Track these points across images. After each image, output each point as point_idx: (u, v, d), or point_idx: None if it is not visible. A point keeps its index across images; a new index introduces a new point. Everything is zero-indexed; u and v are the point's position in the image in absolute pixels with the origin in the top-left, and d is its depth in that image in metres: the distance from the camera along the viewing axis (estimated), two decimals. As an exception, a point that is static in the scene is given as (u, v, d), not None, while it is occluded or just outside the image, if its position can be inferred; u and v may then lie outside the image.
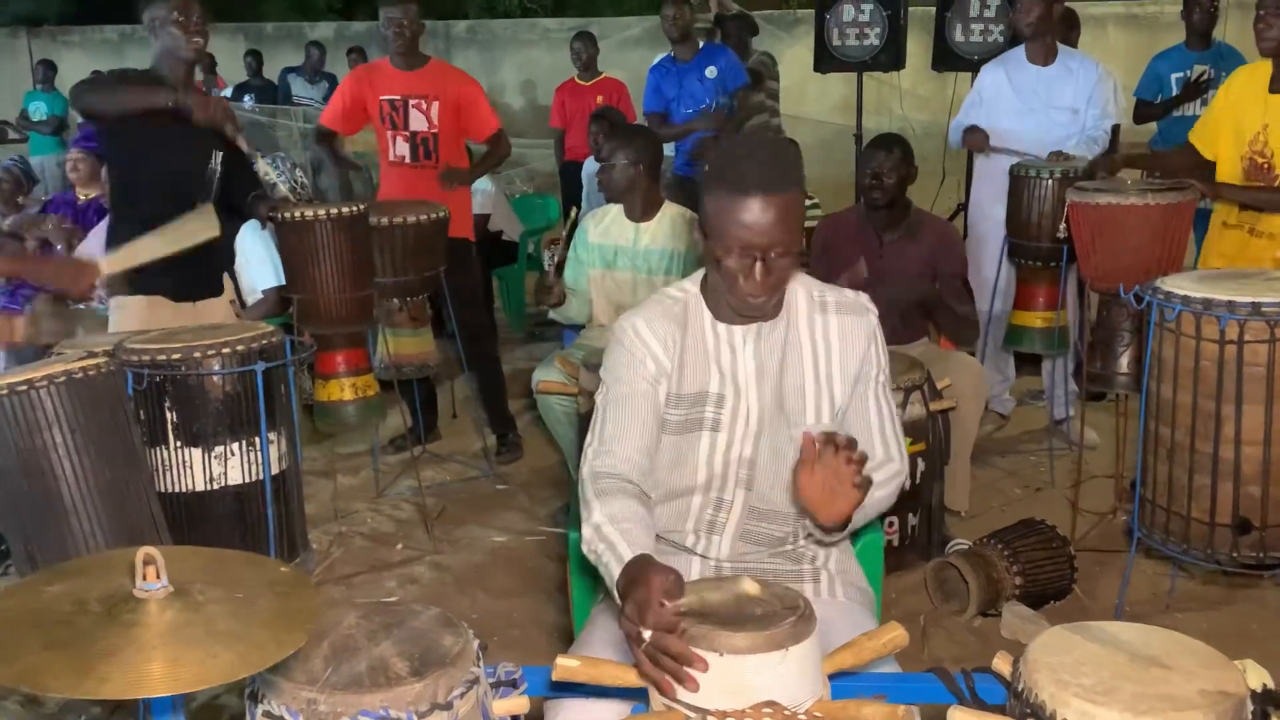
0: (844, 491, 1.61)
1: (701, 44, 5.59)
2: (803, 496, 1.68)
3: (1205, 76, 5.02)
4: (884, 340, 1.94)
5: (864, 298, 1.94)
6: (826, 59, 6.36)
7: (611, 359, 1.89)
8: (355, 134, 4.42)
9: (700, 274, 1.92)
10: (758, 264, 1.72)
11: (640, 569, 1.49)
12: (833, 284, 1.98)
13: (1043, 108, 4.18)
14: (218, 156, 3.34)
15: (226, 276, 3.58)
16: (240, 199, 3.46)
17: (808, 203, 4.89)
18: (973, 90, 4.54)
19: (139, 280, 3.22)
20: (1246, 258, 3.25)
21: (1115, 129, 3.70)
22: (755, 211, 1.68)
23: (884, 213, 3.59)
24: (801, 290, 1.90)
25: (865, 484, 1.62)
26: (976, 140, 4.34)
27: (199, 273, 3.37)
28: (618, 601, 1.51)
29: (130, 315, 3.23)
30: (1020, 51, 4.32)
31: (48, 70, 10.60)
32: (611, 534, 1.63)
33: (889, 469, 1.87)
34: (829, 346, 1.88)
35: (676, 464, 1.89)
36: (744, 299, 1.77)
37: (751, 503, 1.90)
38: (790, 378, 1.87)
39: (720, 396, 1.87)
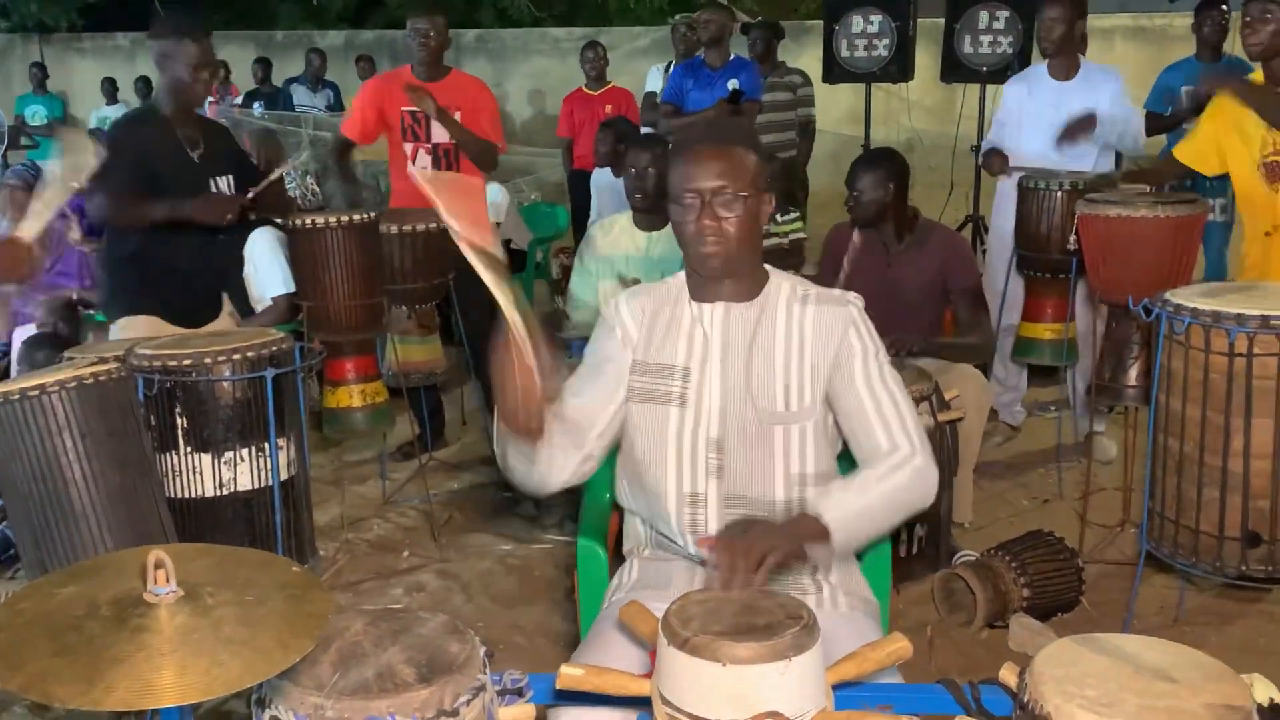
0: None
1: (733, 55, 5.60)
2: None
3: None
4: (869, 327, 1.91)
5: (852, 295, 1.94)
6: (835, 70, 6.38)
7: (594, 333, 2.02)
8: (372, 144, 4.41)
9: None
10: (704, 209, 1.81)
11: None
12: (845, 286, 2.00)
13: (1064, 124, 4.17)
14: (224, 182, 3.38)
15: (225, 294, 3.61)
16: (265, 210, 3.53)
17: (791, 215, 4.90)
18: (999, 108, 4.53)
19: (140, 302, 3.24)
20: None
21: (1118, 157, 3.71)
22: (696, 160, 1.82)
23: (887, 224, 3.59)
24: (786, 284, 1.94)
25: (776, 550, 1.61)
26: (994, 164, 4.34)
27: (197, 295, 3.40)
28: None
29: (134, 335, 3.26)
30: (1042, 67, 4.32)
31: (40, 73, 10.61)
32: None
33: (893, 459, 1.82)
34: (803, 335, 1.89)
35: (647, 443, 1.91)
36: (698, 252, 1.84)
37: (725, 490, 1.89)
38: (759, 360, 1.88)
39: (686, 370, 1.90)
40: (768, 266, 1.96)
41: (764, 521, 1.74)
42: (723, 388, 1.89)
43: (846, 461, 2.01)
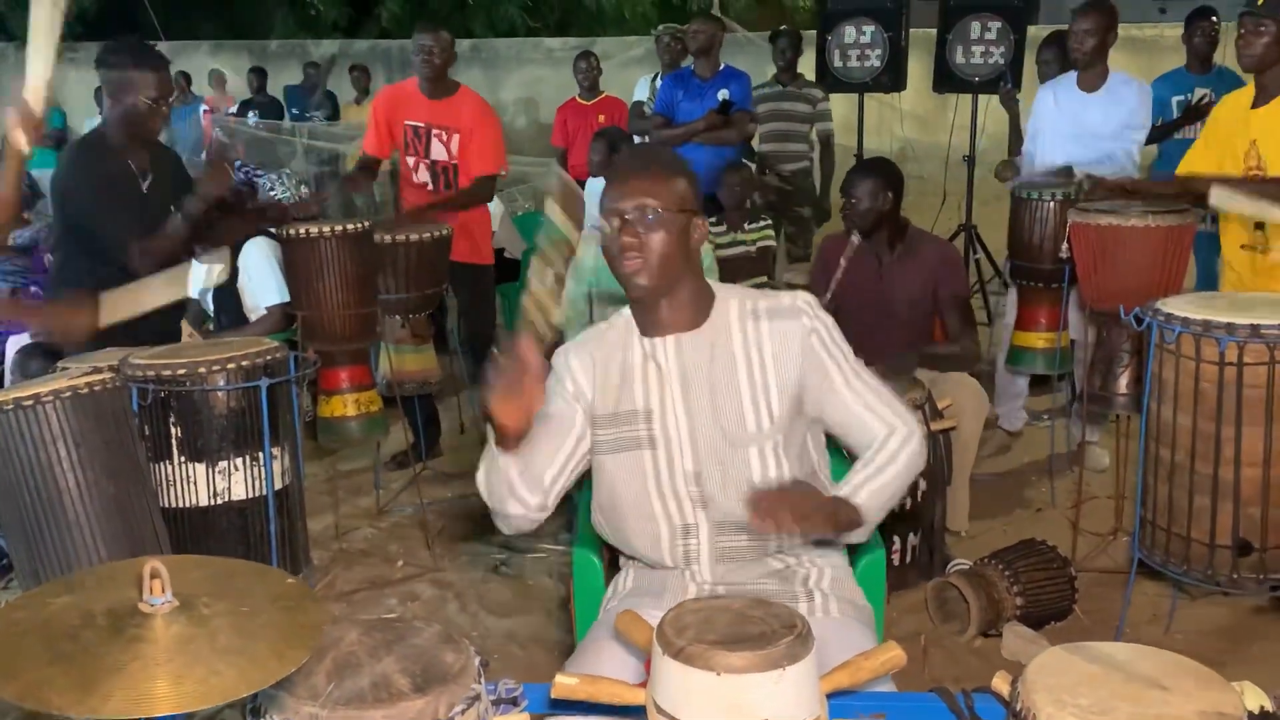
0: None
1: (723, 65, 5.60)
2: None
3: (1206, 100, 5.05)
4: (831, 333, 1.91)
5: (801, 299, 1.92)
6: (828, 79, 6.41)
7: (548, 385, 1.95)
8: (388, 157, 4.41)
9: None
10: (623, 228, 1.83)
11: None
12: (837, 296, 2.02)
13: (1090, 136, 4.14)
14: (176, 219, 3.27)
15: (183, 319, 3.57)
16: (207, 230, 3.43)
17: (761, 223, 4.92)
18: (1032, 117, 4.52)
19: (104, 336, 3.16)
20: (1263, 275, 3.25)
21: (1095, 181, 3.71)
22: (619, 183, 1.86)
23: (881, 233, 3.60)
24: (734, 300, 1.92)
25: (817, 511, 1.74)
26: (1008, 174, 4.33)
27: (153, 322, 3.34)
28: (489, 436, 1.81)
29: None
30: (1072, 77, 4.30)
31: None
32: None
33: (891, 445, 1.87)
34: (762, 354, 1.88)
35: (627, 490, 1.91)
36: (621, 272, 1.86)
37: (715, 518, 1.89)
38: (721, 386, 1.87)
39: (649, 412, 1.89)
40: (713, 283, 1.95)
41: (810, 489, 1.82)
42: (689, 421, 1.87)
43: (834, 453, 2.04)
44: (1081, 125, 4.16)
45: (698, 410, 1.87)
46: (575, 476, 1.97)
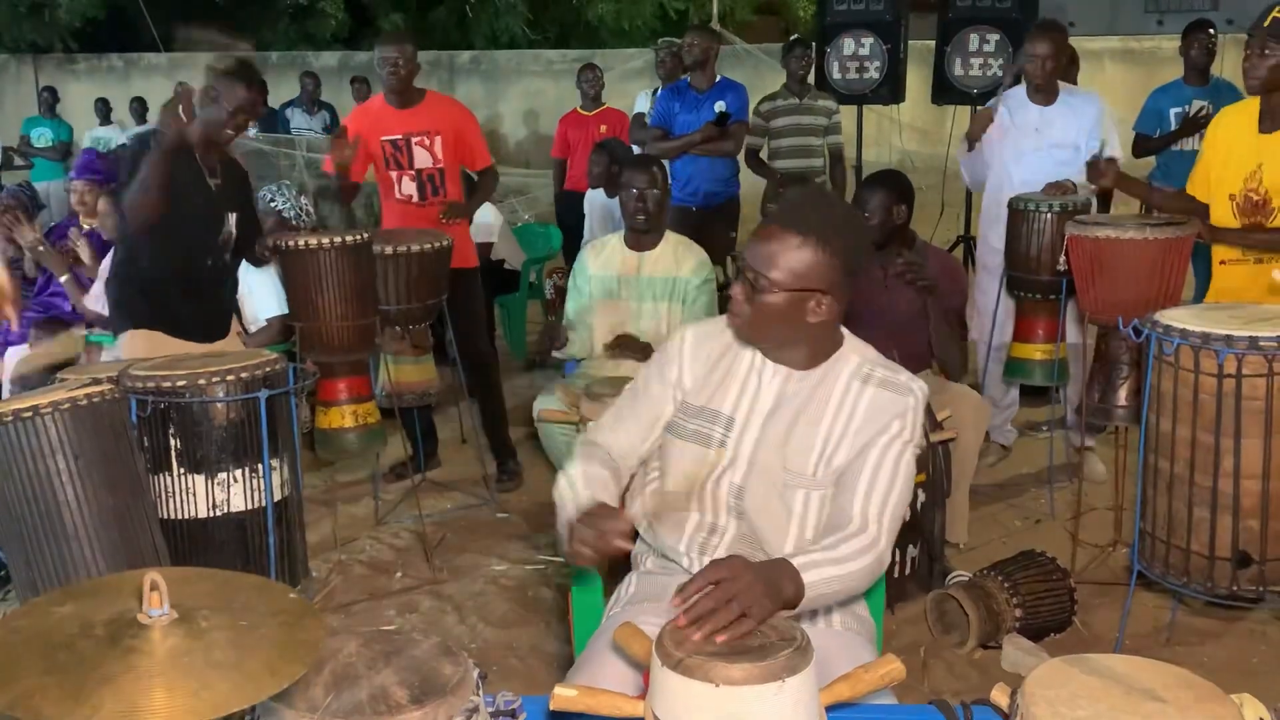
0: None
1: (720, 77, 5.60)
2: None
3: (1204, 111, 5.07)
4: (919, 419, 1.87)
5: (918, 383, 1.89)
6: (826, 92, 6.41)
7: (655, 356, 2.05)
8: (363, 179, 4.40)
9: None
10: (742, 281, 1.83)
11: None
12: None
13: (1046, 147, 4.18)
14: (232, 219, 3.40)
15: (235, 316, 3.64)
16: (249, 251, 3.56)
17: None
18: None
19: (148, 317, 3.30)
20: (1259, 286, 3.24)
21: (1112, 162, 3.71)
22: (761, 234, 1.83)
23: (891, 246, 3.60)
24: (855, 357, 1.91)
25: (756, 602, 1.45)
26: (975, 129, 4.33)
27: (209, 312, 3.43)
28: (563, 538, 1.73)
29: (138, 348, 3.26)
30: (1021, 90, 4.34)
31: (51, 96, 10.71)
32: (578, 484, 1.85)
33: (857, 544, 1.72)
34: (854, 413, 1.86)
35: (679, 474, 1.94)
36: (729, 311, 1.88)
37: (743, 531, 1.92)
38: (802, 427, 1.87)
39: (731, 420, 1.91)
40: (846, 334, 1.93)
41: (749, 574, 1.50)
42: (758, 444, 1.90)
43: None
44: (1040, 137, 4.19)
45: (771, 437, 1.89)
46: (654, 449, 2.01)
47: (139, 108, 10.56)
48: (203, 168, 3.34)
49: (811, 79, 6.22)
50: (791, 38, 6.34)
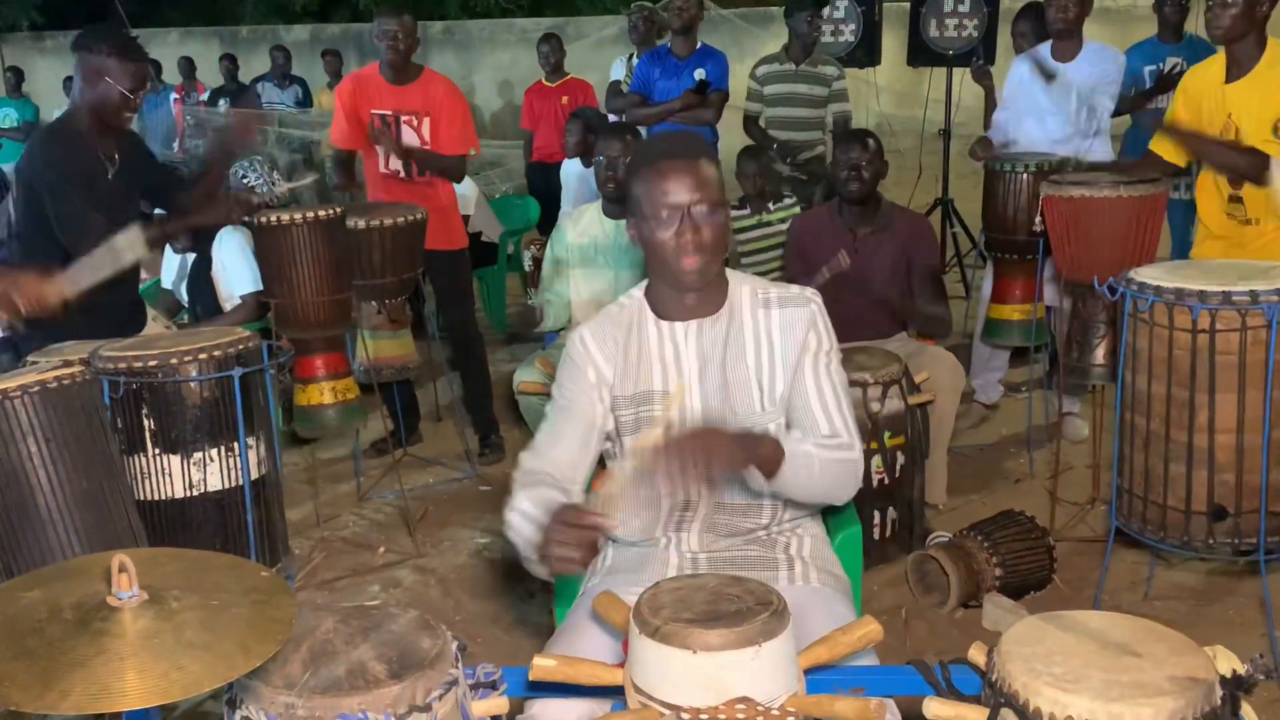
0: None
1: (700, 43, 5.52)
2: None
3: (1178, 68, 5.05)
4: (827, 324, 1.95)
5: (808, 291, 1.97)
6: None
7: (561, 370, 2.00)
8: (360, 147, 4.33)
9: (646, 282, 1.99)
10: (687, 223, 1.81)
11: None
12: (811, 280, 2.01)
13: (1068, 105, 4.15)
14: (139, 205, 3.33)
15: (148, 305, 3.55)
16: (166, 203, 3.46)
17: (786, 201, 4.87)
18: (1005, 85, 4.51)
19: (60, 326, 2.91)
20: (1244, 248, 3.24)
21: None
22: (672, 174, 1.82)
23: (857, 208, 3.60)
24: (746, 288, 1.95)
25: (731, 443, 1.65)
26: (977, 151, 4.30)
27: (120, 307, 3.30)
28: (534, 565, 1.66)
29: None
30: (1046, 48, 4.30)
31: (16, 76, 10.54)
32: (530, 510, 1.72)
33: (835, 441, 1.84)
34: (771, 339, 1.92)
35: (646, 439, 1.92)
36: (682, 265, 1.84)
37: (717, 500, 1.93)
38: (734, 371, 1.91)
39: (665, 392, 1.91)
40: (727, 271, 1.97)
41: (714, 428, 1.69)
42: (703, 402, 1.91)
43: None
44: (1063, 93, 4.16)
45: (712, 392, 1.91)
46: (595, 462, 1.99)
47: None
48: (101, 159, 3.17)
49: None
50: None
